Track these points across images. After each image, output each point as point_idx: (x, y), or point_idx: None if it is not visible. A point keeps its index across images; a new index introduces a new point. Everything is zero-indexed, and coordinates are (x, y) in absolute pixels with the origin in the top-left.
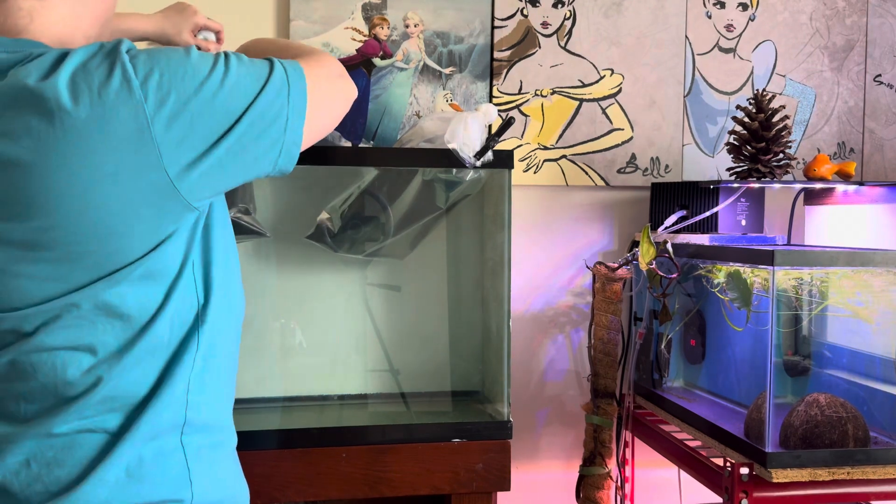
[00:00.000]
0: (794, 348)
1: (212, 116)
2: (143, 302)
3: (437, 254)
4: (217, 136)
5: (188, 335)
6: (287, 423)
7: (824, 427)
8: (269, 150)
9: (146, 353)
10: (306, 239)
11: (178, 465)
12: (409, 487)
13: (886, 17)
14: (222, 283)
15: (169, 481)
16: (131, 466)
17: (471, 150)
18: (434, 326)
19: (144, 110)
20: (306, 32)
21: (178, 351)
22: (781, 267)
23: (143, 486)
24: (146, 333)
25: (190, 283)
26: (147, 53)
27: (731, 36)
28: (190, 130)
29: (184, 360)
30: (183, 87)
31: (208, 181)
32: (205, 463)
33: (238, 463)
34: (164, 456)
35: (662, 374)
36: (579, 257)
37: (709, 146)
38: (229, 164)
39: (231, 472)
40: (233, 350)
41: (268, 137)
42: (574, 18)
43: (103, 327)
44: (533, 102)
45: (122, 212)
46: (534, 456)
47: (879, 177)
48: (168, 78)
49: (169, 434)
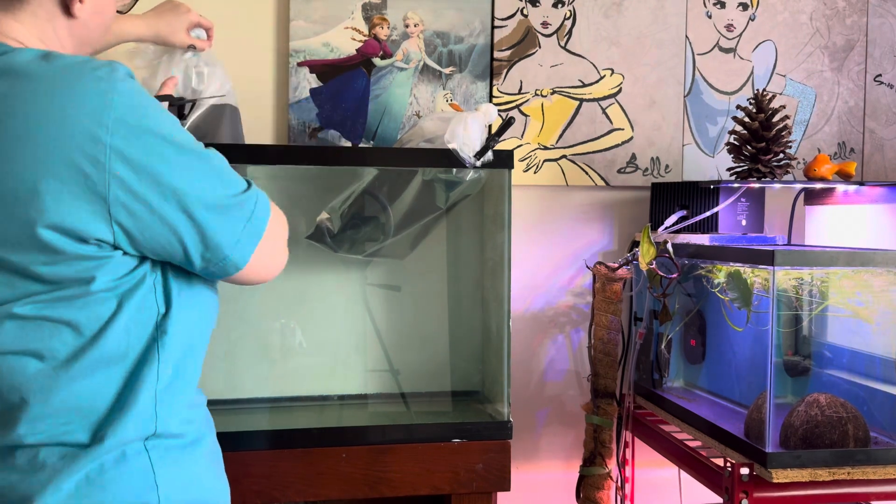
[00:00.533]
0: (795, 348)
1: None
2: (92, 312)
3: (437, 254)
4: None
5: (149, 346)
6: (287, 423)
7: (824, 427)
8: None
9: (100, 363)
10: (306, 239)
11: (143, 469)
12: (409, 487)
13: (886, 17)
14: (186, 292)
15: (132, 487)
16: (92, 474)
17: (471, 150)
18: (434, 326)
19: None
20: (306, 32)
21: (140, 362)
22: (781, 267)
23: (105, 494)
24: (97, 343)
25: (147, 293)
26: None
27: (731, 36)
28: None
29: (147, 372)
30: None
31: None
32: (172, 466)
33: (217, 462)
34: (126, 461)
35: (662, 374)
36: (579, 257)
37: (709, 146)
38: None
39: (205, 473)
40: (201, 356)
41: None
42: (574, 18)
43: (50, 333)
44: (533, 102)
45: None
46: (534, 456)
47: (880, 177)
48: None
49: (134, 442)
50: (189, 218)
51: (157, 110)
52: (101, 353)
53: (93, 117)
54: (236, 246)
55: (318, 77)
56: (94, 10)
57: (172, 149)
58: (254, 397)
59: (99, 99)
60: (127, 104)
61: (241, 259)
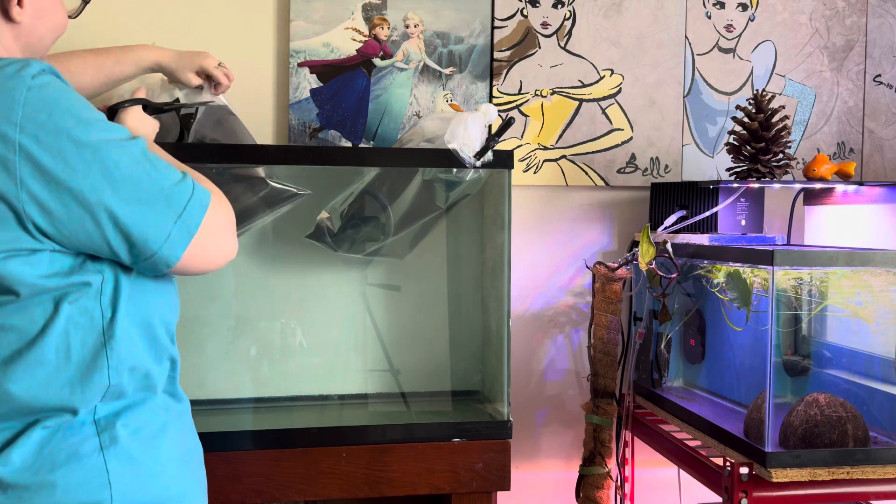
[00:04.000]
0: (794, 348)
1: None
2: (27, 315)
3: (437, 254)
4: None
5: (96, 350)
6: (287, 422)
7: (824, 427)
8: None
9: (42, 364)
10: (306, 239)
11: (95, 466)
12: (409, 487)
13: (886, 17)
14: (136, 296)
15: (83, 484)
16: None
17: (471, 150)
18: (434, 326)
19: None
20: (306, 33)
21: (89, 365)
22: (781, 267)
23: (56, 491)
24: (36, 345)
25: (88, 297)
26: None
27: (730, 36)
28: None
29: (94, 375)
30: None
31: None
32: (128, 464)
33: (186, 462)
34: (78, 458)
35: (662, 374)
36: (579, 257)
37: (708, 146)
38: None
39: (169, 472)
40: (165, 354)
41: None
42: (574, 19)
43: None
44: (533, 102)
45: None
46: (534, 456)
47: (879, 177)
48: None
49: (82, 437)
50: (109, 215)
51: (74, 106)
52: (40, 355)
53: (1, 115)
54: (165, 242)
55: (318, 77)
56: (36, 13)
57: (87, 144)
58: (254, 397)
59: (7, 96)
60: (37, 100)
61: (171, 256)
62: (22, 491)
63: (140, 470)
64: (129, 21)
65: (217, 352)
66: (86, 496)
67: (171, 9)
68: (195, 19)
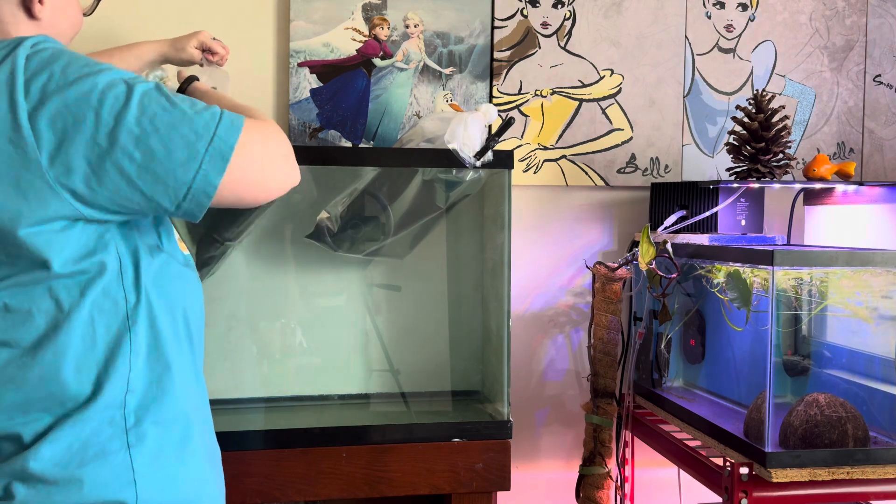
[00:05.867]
0: (794, 348)
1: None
2: (53, 300)
3: (437, 254)
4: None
5: (119, 336)
6: (288, 422)
7: (824, 427)
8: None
9: (69, 350)
10: (306, 239)
11: (121, 464)
12: (410, 487)
13: (886, 17)
14: (160, 282)
15: (109, 482)
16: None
17: (471, 151)
18: (434, 326)
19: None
20: (306, 33)
21: (112, 351)
22: (781, 267)
23: (83, 487)
24: (62, 331)
25: (113, 282)
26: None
27: (730, 36)
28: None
29: (119, 361)
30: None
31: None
32: (154, 462)
33: (210, 461)
34: (105, 455)
35: (662, 374)
36: (579, 257)
37: (708, 146)
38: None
39: (194, 472)
40: (188, 346)
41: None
42: (574, 19)
43: (13, 323)
44: (533, 103)
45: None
46: (534, 456)
47: (879, 177)
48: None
49: (110, 433)
50: (126, 154)
51: (73, 64)
52: (65, 341)
53: (6, 87)
54: (198, 172)
55: (318, 77)
56: (56, 10)
57: (94, 92)
58: (254, 397)
59: (5, 69)
60: (36, 65)
61: (207, 185)
62: (51, 486)
63: (166, 469)
64: (129, 21)
65: (217, 352)
66: (111, 494)
67: (172, 9)
68: (195, 19)
